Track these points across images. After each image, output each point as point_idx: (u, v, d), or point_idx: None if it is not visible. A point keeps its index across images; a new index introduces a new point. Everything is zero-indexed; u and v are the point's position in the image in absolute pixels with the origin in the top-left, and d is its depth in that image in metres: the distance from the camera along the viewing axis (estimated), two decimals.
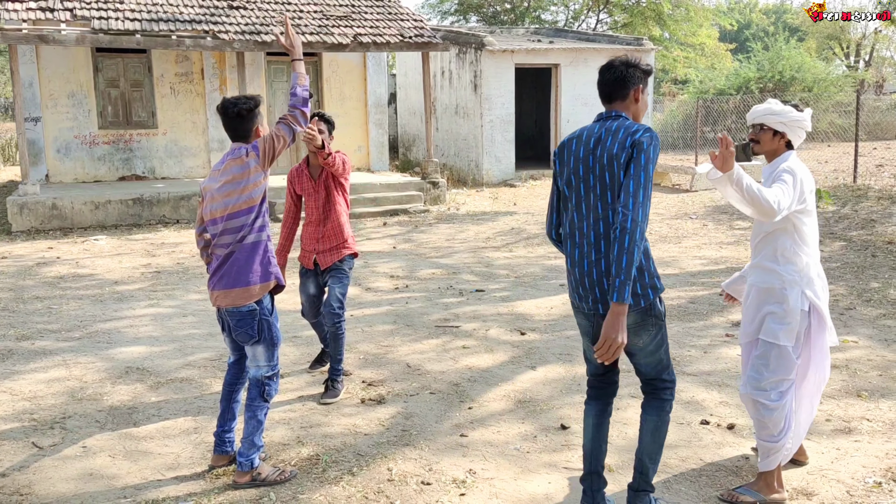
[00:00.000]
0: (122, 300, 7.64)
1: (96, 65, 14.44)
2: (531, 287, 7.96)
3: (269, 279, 3.83)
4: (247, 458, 3.77)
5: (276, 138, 3.78)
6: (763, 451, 3.62)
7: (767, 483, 3.61)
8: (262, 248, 3.82)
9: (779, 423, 3.57)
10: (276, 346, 3.88)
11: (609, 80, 3.23)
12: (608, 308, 3.06)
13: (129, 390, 5.10)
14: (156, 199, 12.54)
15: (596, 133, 3.18)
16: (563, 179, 3.27)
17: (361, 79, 16.41)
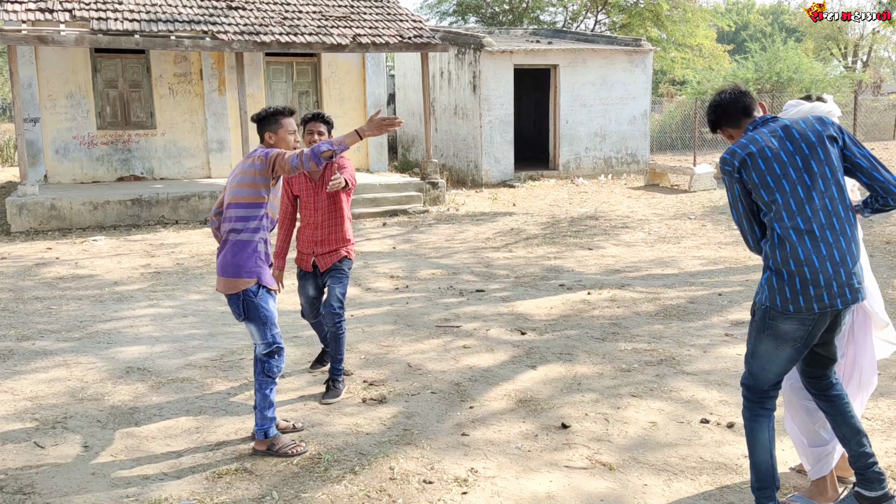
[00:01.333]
0: (122, 300, 7.64)
1: (95, 65, 14.44)
2: (531, 287, 7.98)
3: (250, 276, 4.06)
4: (260, 428, 4.10)
5: (281, 157, 3.98)
6: (813, 457, 3.52)
7: (821, 490, 3.53)
8: (251, 248, 4.09)
9: (825, 424, 3.47)
10: (268, 325, 4.10)
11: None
12: (853, 296, 3.16)
13: (130, 390, 5.11)
14: (154, 199, 12.54)
15: (783, 134, 3.20)
16: (761, 186, 3.19)
17: (360, 79, 16.42)
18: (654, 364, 5.52)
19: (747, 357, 3.38)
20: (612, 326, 6.46)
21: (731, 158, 3.24)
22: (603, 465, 4.00)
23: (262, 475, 3.90)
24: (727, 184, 3.31)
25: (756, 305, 3.29)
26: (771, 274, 3.20)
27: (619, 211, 13.36)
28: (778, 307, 3.16)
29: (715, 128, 3.48)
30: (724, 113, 3.41)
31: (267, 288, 4.14)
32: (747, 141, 3.25)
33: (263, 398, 4.12)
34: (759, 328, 3.25)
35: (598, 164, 18.64)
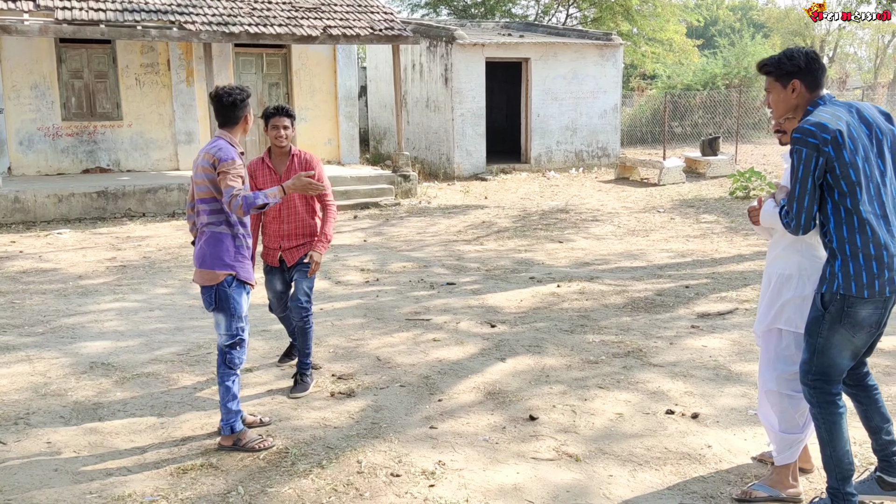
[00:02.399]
0: (87, 294, 7.53)
1: (60, 56, 14.17)
2: (501, 280, 8.00)
3: (227, 269, 4.03)
4: (225, 423, 4.08)
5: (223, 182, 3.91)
6: (784, 443, 3.54)
7: (783, 477, 3.56)
8: (225, 241, 4.06)
9: (804, 412, 3.50)
10: (235, 318, 4.08)
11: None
12: None
13: (93, 385, 5.04)
14: (121, 191, 12.36)
15: (859, 116, 3.19)
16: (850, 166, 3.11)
17: (331, 71, 16.30)
18: (622, 356, 5.57)
19: (812, 356, 3.25)
20: (580, 319, 6.51)
21: (819, 131, 3.07)
22: (569, 457, 4.03)
23: (228, 470, 3.87)
24: (803, 157, 3.08)
25: (827, 296, 3.18)
26: (845, 260, 3.14)
27: (590, 204, 13.45)
28: (853, 293, 3.13)
29: (792, 76, 3.23)
30: (815, 66, 3.22)
31: (243, 282, 4.11)
32: (831, 116, 3.11)
33: (226, 390, 4.09)
34: (835, 319, 3.17)
35: (570, 157, 18.73)
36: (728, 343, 5.80)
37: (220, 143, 4.04)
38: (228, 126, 4.12)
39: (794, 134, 3.15)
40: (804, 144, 3.11)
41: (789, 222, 3.21)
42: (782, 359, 3.51)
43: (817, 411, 3.28)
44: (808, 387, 3.29)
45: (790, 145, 3.20)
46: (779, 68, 3.29)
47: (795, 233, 3.23)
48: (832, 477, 3.31)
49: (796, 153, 3.14)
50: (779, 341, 3.53)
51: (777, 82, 3.32)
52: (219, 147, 4.01)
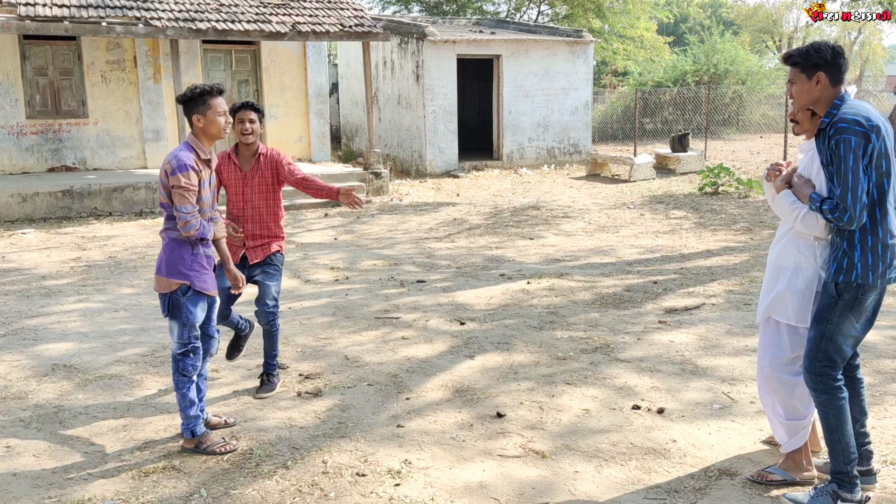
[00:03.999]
0: (50, 295, 7.40)
1: (23, 52, 13.91)
2: (472, 277, 8.00)
3: (181, 279, 3.91)
4: (185, 427, 4.03)
5: (177, 196, 3.83)
6: (789, 430, 3.60)
7: (797, 462, 3.63)
8: (182, 249, 3.94)
9: (803, 398, 3.56)
10: (188, 327, 3.96)
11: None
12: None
13: (55, 388, 4.95)
14: (87, 190, 12.17)
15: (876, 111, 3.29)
16: (884, 157, 3.22)
17: (301, 68, 16.18)
18: (589, 352, 5.59)
19: (821, 342, 3.31)
20: (549, 315, 6.52)
21: (865, 121, 3.15)
22: (536, 453, 4.03)
23: (191, 473, 3.82)
24: (852, 145, 3.12)
25: (842, 286, 3.25)
26: (865, 250, 3.21)
27: (561, 201, 13.50)
28: (870, 282, 3.24)
29: (817, 68, 3.27)
30: (839, 61, 3.27)
31: (199, 292, 3.98)
32: (861, 110, 3.20)
33: (182, 398, 4.01)
34: (848, 307, 3.26)
35: (542, 154, 18.78)
36: (695, 338, 5.85)
37: (178, 151, 3.90)
38: (192, 129, 3.98)
39: (840, 124, 3.18)
40: (853, 133, 3.14)
41: (842, 216, 3.18)
42: (774, 346, 3.60)
43: (825, 398, 3.34)
44: (814, 374, 3.35)
45: (835, 136, 3.19)
46: (805, 59, 3.32)
47: (849, 226, 3.20)
48: (839, 461, 3.37)
49: (844, 142, 3.15)
50: (772, 330, 3.61)
51: (802, 73, 3.34)
52: (174, 155, 3.88)
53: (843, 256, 3.27)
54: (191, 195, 3.83)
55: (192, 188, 3.83)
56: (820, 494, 3.39)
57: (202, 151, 3.94)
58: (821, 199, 3.31)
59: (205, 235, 3.92)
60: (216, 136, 3.96)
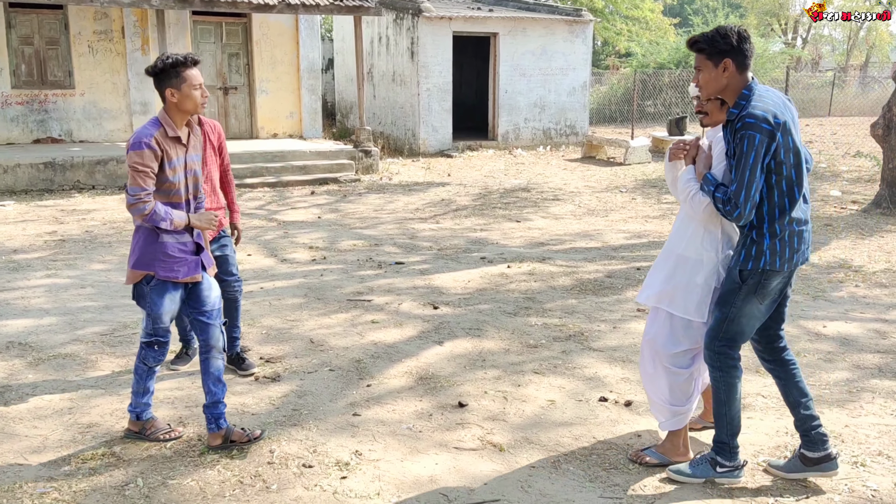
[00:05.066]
0: (18, 270, 7.22)
1: (9, 21, 13.63)
2: (452, 260, 7.81)
3: (143, 268, 3.63)
4: (132, 409, 3.86)
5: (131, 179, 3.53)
6: (670, 413, 3.64)
7: (674, 445, 3.66)
8: (143, 236, 3.64)
9: (687, 389, 3.62)
10: (153, 318, 3.70)
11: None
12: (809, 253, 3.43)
13: (5, 367, 4.78)
14: (69, 163, 11.96)
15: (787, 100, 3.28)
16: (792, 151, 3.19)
17: (294, 42, 15.89)
18: (562, 340, 5.42)
19: (723, 323, 3.36)
20: (525, 301, 6.35)
21: (772, 118, 3.10)
22: (493, 446, 3.87)
23: (131, 460, 3.66)
24: (755, 143, 3.08)
25: (747, 273, 3.27)
26: (773, 239, 3.23)
27: (553, 183, 13.28)
28: (777, 268, 3.26)
29: (723, 54, 3.18)
30: (745, 46, 3.18)
31: (166, 281, 3.65)
32: (770, 104, 3.15)
33: (137, 382, 3.83)
34: (751, 291, 3.29)
35: (537, 135, 18.53)
36: None
37: (141, 127, 3.62)
38: (164, 104, 3.62)
39: (748, 119, 3.15)
40: (758, 130, 3.12)
41: (731, 210, 3.20)
42: (668, 338, 3.58)
43: (720, 374, 3.42)
44: (713, 351, 3.41)
45: (741, 131, 3.14)
46: (711, 45, 3.22)
47: (737, 221, 3.27)
48: (723, 432, 3.47)
49: (748, 139, 3.12)
50: (668, 323, 3.58)
51: (709, 60, 3.25)
52: (136, 131, 3.60)
53: (752, 244, 3.27)
54: (140, 176, 3.50)
55: (141, 168, 3.50)
56: (700, 462, 3.52)
57: (170, 128, 3.60)
58: (716, 183, 3.30)
59: (157, 223, 3.56)
60: (191, 111, 3.62)
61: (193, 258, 3.72)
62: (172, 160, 3.61)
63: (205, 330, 3.76)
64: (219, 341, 3.79)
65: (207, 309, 3.76)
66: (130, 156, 3.52)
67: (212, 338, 3.77)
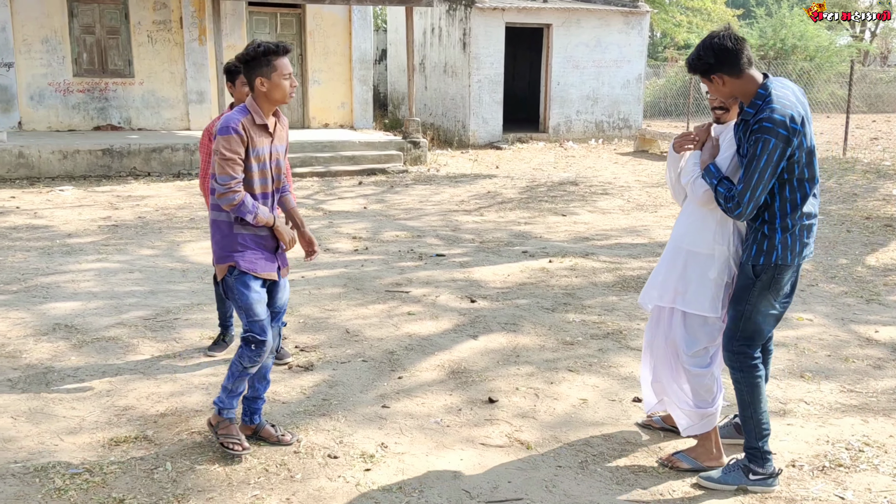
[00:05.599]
0: (71, 253, 7.44)
1: (71, 10, 14.05)
2: (493, 253, 7.76)
3: (225, 261, 3.52)
4: (217, 401, 3.70)
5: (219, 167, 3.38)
6: (697, 417, 3.58)
7: (706, 449, 3.59)
8: (220, 229, 3.53)
9: (711, 389, 3.55)
10: (244, 312, 3.52)
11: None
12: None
13: (50, 348, 4.93)
14: (126, 150, 12.27)
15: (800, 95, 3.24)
16: (805, 149, 3.19)
17: (346, 33, 16.00)
18: (600, 337, 5.33)
19: (739, 322, 3.33)
20: (565, 297, 6.26)
21: (790, 122, 3.08)
22: (521, 444, 3.83)
23: (162, 444, 3.73)
24: (770, 147, 3.06)
25: (759, 267, 3.25)
26: (786, 233, 3.22)
27: (602, 177, 13.08)
28: (788, 262, 3.24)
29: (709, 72, 3.19)
30: (727, 56, 3.14)
31: (247, 273, 3.51)
32: (792, 98, 3.13)
33: (229, 379, 3.62)
34: (765, 287, 3.27)
35: (589, 127, 18.28)
36: None
37: (229, 112, 3.51)
38: (252, 94, 3.50)
39: (766, 123, 3.12)
40: (774, 135, 3.07)
41: (733, 208, 3.20)
42: (690, 339, 3.52)
43: (740, 375, 3.38)
44: (732, 352, 3.37)
45: (757, 133, 3.11)
46: (696, 69, 3.26)
47: (737, 218, 3.25)
48: (752, 437, 3.40)
49: (763, 142, 3.10)
50: (682, 323, 3.53)
51: (704, 78, 3.28)
52: (224, 117, 3.48)
53: (763, 239, 3.26)
54: (229, 164, 3.37)
55: (228, 155, 3.37)
56: (732, 469, 3.44)
57: (258, 116, 3.47)
58: (719, 176, 3.27)
59: (243, 214, 3.42)
60: (280, 101, 3.48)
61: (270, 255, 3.60)
62: (257, 148, 3.48)
63: None
64: (275, 343, 3.73)
65: (275, 310, 3.70)
66: (218, 141, 3.40)
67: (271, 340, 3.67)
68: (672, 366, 3.63)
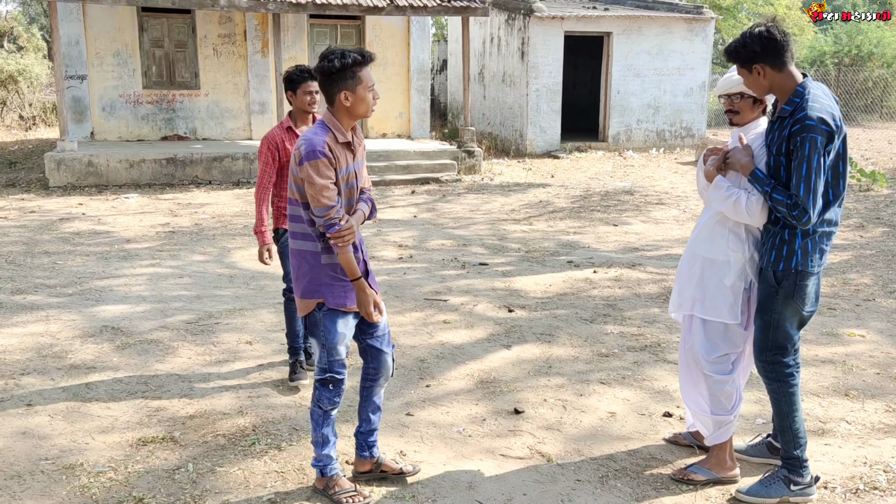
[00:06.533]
0: (127, 258, 7.71)
1: (141, 24, 14.60)
2: (537, 263, 7.69)
3: (313, 297, 3.22)
4: (315, 463, 3.39)
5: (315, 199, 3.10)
6: (714, 424, 3.51)
7: (720, 460, 3.52)
8: (306, 259, 3.23)
9: (731, 396, 3.48)
10: (326, 349, 3.26)
11: None
12: None
13: (95, 349, 5.11)
14: (189, 159, 12.66)
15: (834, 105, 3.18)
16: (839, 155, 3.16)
17: (405, 44, 16.15)
18: (637, 350, 5.21)
19: (768, 331, 3.25)
20: (605, 308, 6.15)
21: (831, 119, 3.03)
22: (542, 456, 3.77)
23: (187, 445, 3.82)
24: (818, 145, 3.00)
25: (781, 273, 3.19)
26: (806, 237, 3.15)
27: (660, 186, 12.83)
28: (809, 268, 3.18)
29: (752, 61, 3.09)
30: (773, 46, 3.07)
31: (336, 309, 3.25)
32: (827, 106, 3.07)
33: (315, 430, 3.36)
34: (789, 295, 3.19)
35: (650, 136, 17.96)
36: None
37: (311, 133, 3.15)
38: (329, 104, 3.19)
39: (808, 122, 3.06)
40: (820, 133, 3.02)
41: (800, 216, 3.07)
42: (710, 345, 3.45)
43: (777, 385, 3.30)
44: (765, 362, 3.30)
45: (801, 133, 3.04)
46: (738, 57, 3.16)
47: (804, 226, 3.12)
48: (790, 446, 3.33)
49: (811, 141, 3.03)
50: (702, 329, 3.46)
51: (743, 68, 3.19)
52: (304, 139, 3.13)
53: (783, 244, 3.19)
54: (324, 194, 3.06)
55: (320, 183, 3.06)
56: (773, 481, 3.35)
57: (340, 133, 3.16)
58: (770, 183, 3.14)
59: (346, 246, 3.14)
60: (363, 115, 3.18)
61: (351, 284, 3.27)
62: (342, 169, 3.18)
63: (376, 357, 3.43)
64: (389, 369, 3.47)
65: (379, 334, 3.41)
66: (305, 169, 3.07)
67: (383, 366, 3.45)
68: (692, 372, 3.57)
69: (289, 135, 4.54)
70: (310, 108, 4.50)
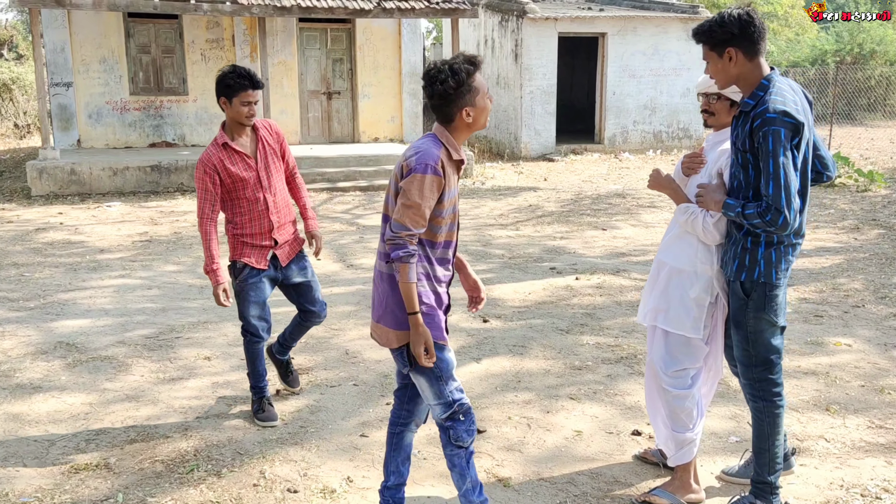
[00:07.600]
0: (97, 269, 7.51)
1: (128, 30, 14.44)
2: (519, 269, 7.46)
3: (407, 328, 2.82)
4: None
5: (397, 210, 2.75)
6: (676, 443, 3.32)
7: (684, 482, 3.33)
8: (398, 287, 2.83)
9: (691, 412, 3.29)
10: (442, 380, 2.87)
11: None
12: None
13: (44, 368, 4.90)
14: (174, 166, 12.48)
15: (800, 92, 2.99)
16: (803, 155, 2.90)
17: (396, 46, 15.95)
18: (611, 362, 4.97)
19: (748, 347, 3.05)
20: (584, 317, 5.92)
21: (791, 111, 2.77)
22: (499, 481, 3.54)
23: (121, 473, 3.60)
24: (781, 138, 2.75)
25: (748, 284, 2.98)
26: (769, 246, 2.95)
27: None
28: (773, 280, 2.97)
29: (726, 44, 2.84)
30: (751, 31, 2.84)
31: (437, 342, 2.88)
32: (790, 99, 2.84)
33: (461, 477, 2.96)
34: (759, 307, 2.99)
35: (647, 138, 17.71)
36: None
37: (424, 144, 2.77)
38: (442, 124, 2.81)
39: (769, 114, 2.82)
40: (782, 125, 2.77)
41: (775, 218, 2.78)
42: (670, 358, 3.27)
43: (762, 405, 3.10)
44: (752, 380, 3.09)
45: (762, 127, 2.79)
46: (711, 37, 2.89)
47: (783, 231, 2.83)
48: (765, 470, 3.14)
49: (773, 135, 2.78)
50: (663, 341, 3.27)
51: (713, 51, 2.92)
52: (417, 149, 2.76)
53: (744, 252, 2.98)
54: (417, 211, 2.70)
55: (417, 201, 2.70)
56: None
57: (454, 150, 2.80)
58: (740, 203, 2.88)
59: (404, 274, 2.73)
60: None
61: (443, 316, 2.96)
62: (451, 190, 2.82)
63: (412, 399, 3.10)
64: (423, 416, 3.14)
65: None
66: (411, 182, 2.70)
67: (418, 409, 3.11)
68: (652, 386, 3.37)
69: (227, 152, 3.98)
70: (247, 122, 3.99)
